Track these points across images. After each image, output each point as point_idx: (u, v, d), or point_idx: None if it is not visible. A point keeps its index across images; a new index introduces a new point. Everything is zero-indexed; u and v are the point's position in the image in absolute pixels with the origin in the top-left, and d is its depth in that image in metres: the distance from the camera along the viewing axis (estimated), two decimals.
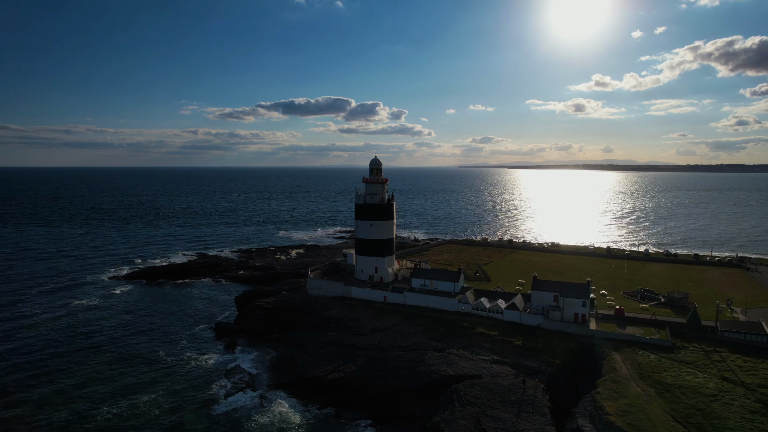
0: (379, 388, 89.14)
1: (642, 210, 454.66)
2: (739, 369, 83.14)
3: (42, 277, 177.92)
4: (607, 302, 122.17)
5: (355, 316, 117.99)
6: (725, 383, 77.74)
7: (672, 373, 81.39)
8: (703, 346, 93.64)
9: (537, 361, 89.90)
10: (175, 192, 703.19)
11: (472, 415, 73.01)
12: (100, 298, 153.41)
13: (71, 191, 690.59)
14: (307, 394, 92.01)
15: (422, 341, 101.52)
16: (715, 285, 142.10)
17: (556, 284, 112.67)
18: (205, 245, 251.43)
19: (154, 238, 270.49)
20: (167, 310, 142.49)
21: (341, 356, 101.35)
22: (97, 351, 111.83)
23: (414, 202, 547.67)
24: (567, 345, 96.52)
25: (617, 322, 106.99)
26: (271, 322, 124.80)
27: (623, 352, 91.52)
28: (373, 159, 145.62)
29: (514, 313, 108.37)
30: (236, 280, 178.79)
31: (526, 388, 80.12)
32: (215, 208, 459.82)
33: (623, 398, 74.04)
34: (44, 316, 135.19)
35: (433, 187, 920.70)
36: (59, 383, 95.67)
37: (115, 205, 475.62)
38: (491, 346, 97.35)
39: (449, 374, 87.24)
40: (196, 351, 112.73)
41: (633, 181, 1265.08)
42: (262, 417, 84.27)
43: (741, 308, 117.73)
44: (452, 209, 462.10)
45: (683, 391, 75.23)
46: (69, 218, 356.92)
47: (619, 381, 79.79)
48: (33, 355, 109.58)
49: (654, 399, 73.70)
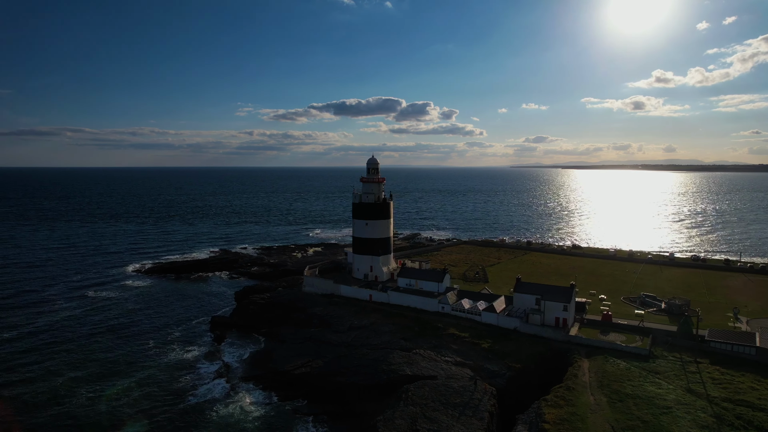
0: (339, 385, 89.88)
1: (703, 213, 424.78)
2: (711, 381, 77.56)
3: (73, 269, 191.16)
4: (599, 307, 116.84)
5: (338, 313, 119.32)
6: (688, 395, 72.81)
7: (634, 383, 77.06)
8: (685, 355, 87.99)
9: (498, 365, 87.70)
10: (221, 191, 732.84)
11: (410, 416, 72.40)
12: (118, 290, 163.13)
13: (126, 190, 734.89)
14: (273, 387, 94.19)
15: (393, 340, 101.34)
16: (732, 292, 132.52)
17: (538, 287, 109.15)
18: (231, 242, 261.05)
19: (186, 235, 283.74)
20: (173, 303, 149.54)
21: (314, 352, 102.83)
22: (93, 339, 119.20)
23: (450, 202, 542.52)
24: (537, 350, 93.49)
25: (602, 328, 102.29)
26: (262, 317, 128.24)
27: (594, 360, 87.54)
28: (370, 159, 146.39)
29: (491, 315, 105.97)
30: (248, 276, 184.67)
31: (475, 391, 78.42)
32: (253, 206, 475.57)
33: (570, 406, 71.03)
34: (62, 304, 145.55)
35: (479, 187, 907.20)
36: (48, 365, 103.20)
37: (160, 203, 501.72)
38: (459, 347, 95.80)
39: (406, 374, 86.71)
40: (184, 343, 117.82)
41: (698, 181, 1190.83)
42: (225, 408, 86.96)
43: (748, 318, 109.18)
44: (490, 210, 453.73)
45: (637, 402, 71.14)
46: (115, 216, 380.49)
47: (574, 389, 76.50)
48: (36, 337, 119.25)
49: (603, 409, 70.17)
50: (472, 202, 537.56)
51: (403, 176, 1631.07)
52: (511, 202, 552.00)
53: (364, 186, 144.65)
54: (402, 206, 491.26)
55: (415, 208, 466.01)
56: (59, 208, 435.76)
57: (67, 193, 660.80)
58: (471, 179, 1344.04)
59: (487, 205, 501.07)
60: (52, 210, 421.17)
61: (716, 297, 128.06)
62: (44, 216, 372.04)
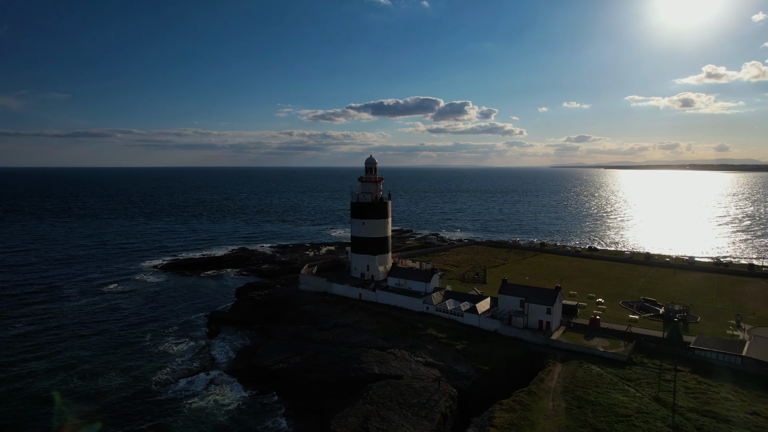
0: (311, 381, 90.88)
1: (752, 216, 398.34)
2: (684, 390, 73.92)
3: (95, 265, 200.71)
4: (592, 311, 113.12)
5: (326, 311, 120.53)
6: (653, 404, 69.67)
7: (600, 390, 74.34)
8: (666, 363, 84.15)
9: (467, 367, 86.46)
10: (255, 191, 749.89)
11: (364, 414, 72.54)
12: (132, 284, 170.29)
13: (165, 189, 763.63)
14: (250, 382, 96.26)
15: (371, 339, 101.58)
16: (745, 299, 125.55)
17: (523, 289, 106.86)
18: (253, 240, 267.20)
19: (211, 234, 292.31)
20: (179, 298, 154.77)
21: (296, 348, 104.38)
22: (94, 329, 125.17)
23: (479, 203, 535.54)
24: (512, 353, 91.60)
25: (587, 333, 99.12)
26: (257, 313, 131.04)
27: (568, 365, 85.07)
28: (368, 158, 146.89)
29: (473, 316, 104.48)
30: (257, 273, 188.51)
31: (435, 392, 77.67)
32: (282, 206, 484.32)
33: (525, 411, 69.38)
34: (76, 296, 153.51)
35: (514, 187, 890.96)
36: (46, 352, 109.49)
37: (194, 202, 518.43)
38: (434, 348, 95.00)
39: (374, 373, 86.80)
40: (178, 336, 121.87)
41: (752, 182, 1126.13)
42: (200, 401, 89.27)
43: (752, 326, 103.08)
44: (518, 211, 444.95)
45: (596, 409, 68.66)
46: (148, 214, 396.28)
47: (536, 393, 74.63)
48: (41, 324, 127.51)
49: (558, 415, 68.14)
50: (501, 203, 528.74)
51: (439, 176, 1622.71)
52: (541, 202, 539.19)
53: (362, 185, 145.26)
54: (428, 207, 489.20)
55: (441, 209, 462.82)
56: (99, 207, 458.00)
57: (110, 192, 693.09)
58: (508, 179, 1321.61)
59: (516, 206, 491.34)
60: (92, 208, 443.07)
61: (724, 303, 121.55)
62: (84, 214, 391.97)
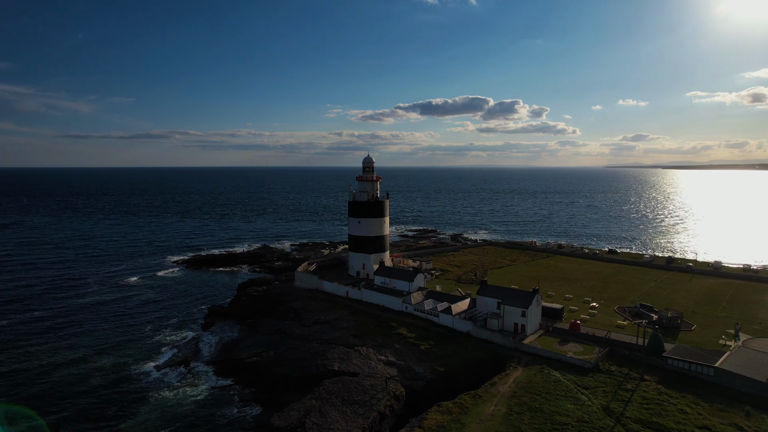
0: (277, 375, 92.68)
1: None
2: (640, 400, 69.96)
3: (120, 259, 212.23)
4: (579, 315, 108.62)
5: (312, 308, 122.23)
6: (598, 414, 66.38)
7: (549, 397, 71.51)
8: (634, 371, 79.82)
9: (424, 368, 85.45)
10: (295, 190, 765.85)
11: (307, 409, 73.31)
12: (148, 278, 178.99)
13: (210, 188, 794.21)
14: (225, 373, 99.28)
15: (344, 336, 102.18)
16: (758, 308, 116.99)
17: (501, 290, 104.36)
18: (278, 238, 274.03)
19: (239, 231, 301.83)
20: (188, 292, 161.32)
21: (275, 343, 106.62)
22: (103, 318, 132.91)
23: (515, 203, 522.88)
24: (476, 355, 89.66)
25: (563, 337, 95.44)
26: (251, 308, 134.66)
27: (529, 369, 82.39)
28: (366, 157, 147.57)
29: (447, 317, 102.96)
30: (269, 270, 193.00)
31: (381, 391, 77.26)
32: (314, 205, 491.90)
33: (462, 414, 67.92)
34: (95, 288, 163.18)
35: (560, 188, 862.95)
36: (50, 336, 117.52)
37: (232, 201, 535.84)
38: (401, 347, 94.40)
39: (333, 369, 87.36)
40: (174, 328, 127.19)
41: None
42: (169, 391, 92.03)
43: (751, 336, 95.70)
44: (554, 212, 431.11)
45: (534, 416, 66.18)
46: (184, 212, 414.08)
47: (481, 396, 72.82)
48: (54, 312, 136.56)
49: (493, 420, 66.20)
50: (540, 204, 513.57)
51: (487, 176, 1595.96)
52: (583, 204, 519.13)
53: (360, 184, 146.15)
54: (463, 207, 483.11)
55: (475, 210, 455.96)
56: (143, 205, 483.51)
57: (160, 190, 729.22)
58: (557, 180, 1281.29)
59: (554, 207, 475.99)
60: (137, 206, 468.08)
61: (732, 312, 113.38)
62: (129, 211, 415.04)
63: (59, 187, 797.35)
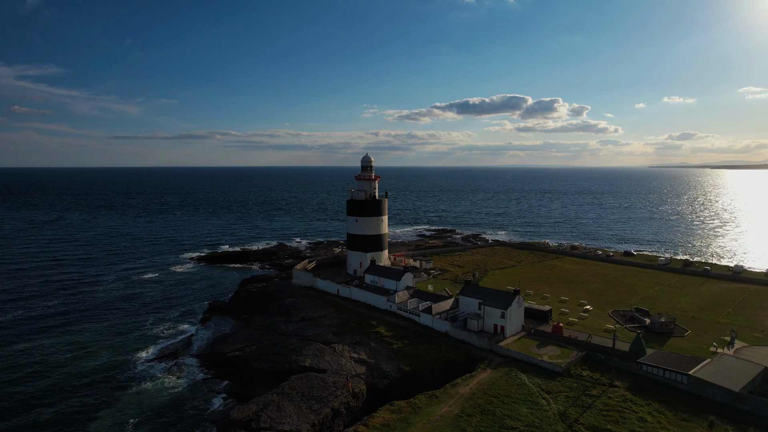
0: (252, 369, 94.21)
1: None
2: (601, 407, 67.35)
3: (139, 255, 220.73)
4: (569, 318, 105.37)
5: (302, 305, 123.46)
6: (551, 419, 64.32)
7: (507, 400, 69.78)
8: (605, 377, 76.83)
9: (391, 366, 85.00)
10: (325, 189, 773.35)
11: (266, 403, 74.24)
12: (164, 274, 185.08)
13: (243, 187, 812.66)
14: (208, 367, 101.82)
15: (323, 333, 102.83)
16: (766, 315, 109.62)
17: (483, 291, 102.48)
18: (293, 236, 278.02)
19: (260, 230, 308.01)
20: (195, 287, 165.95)
21: (261, 338, 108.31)
22: (110, 311, 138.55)
23: (544, 204, 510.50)
24: (448, 356, 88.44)
25: (543, 340, 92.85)
26: (248, 304, 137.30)
27: (497, 371, 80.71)
28: (364, 156, 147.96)
29: (427, 317, 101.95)
30: (279, 267, 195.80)
31: (341, 388, 77.31)
32: (341, 204, 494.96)
33: (412, 414, 67.21)
34: (109, 283, 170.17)
35: (596, 189, 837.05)
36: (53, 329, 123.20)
37: (260, 200, 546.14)
38: (375, 346, 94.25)
39: (304, 365, 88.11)
40: (173, 321, 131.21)
41: None
42: (150, 383, 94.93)
43: (747, 344, 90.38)
44: (582, 213, 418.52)
45: (485, 419, 64.73)
46: (212, 211, 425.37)
47: (438, 397, 71.85)
48: (65, 304, 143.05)
49: (442, 421, 65.16)
50: (568, 204, 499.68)
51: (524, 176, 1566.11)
52: (614, 204, 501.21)
53: (358, 183, 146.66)
54: (489, 207, 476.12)
55: (501, 209, 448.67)
56: (173, 203, 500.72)
57: (192, 190, 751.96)
58: (595, 180, 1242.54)
59: (581, 208, 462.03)
60: (168, 204, 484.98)
61: (737, 318, 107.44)
62: (159, 210, 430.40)
63: (102, 186, 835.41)
